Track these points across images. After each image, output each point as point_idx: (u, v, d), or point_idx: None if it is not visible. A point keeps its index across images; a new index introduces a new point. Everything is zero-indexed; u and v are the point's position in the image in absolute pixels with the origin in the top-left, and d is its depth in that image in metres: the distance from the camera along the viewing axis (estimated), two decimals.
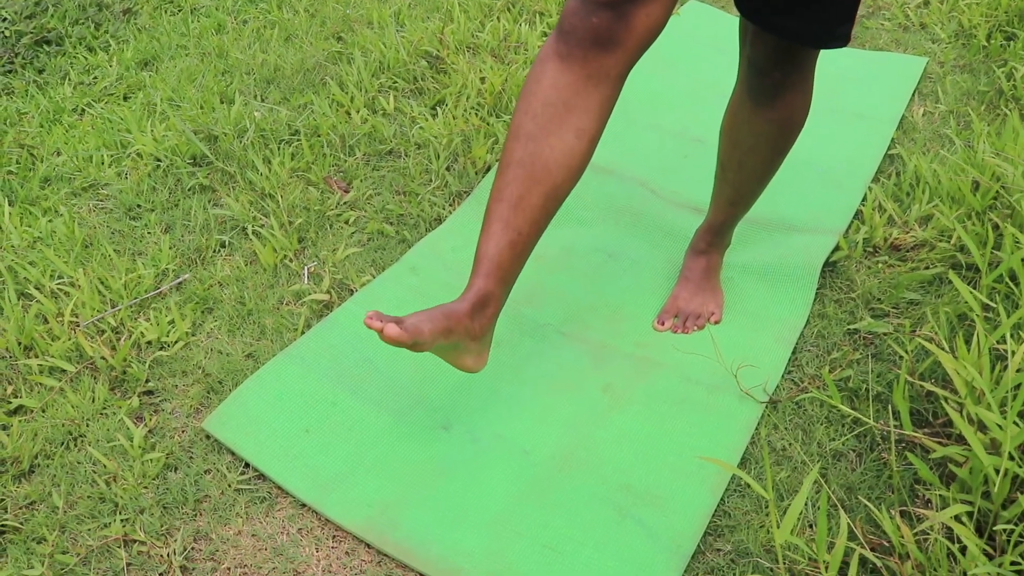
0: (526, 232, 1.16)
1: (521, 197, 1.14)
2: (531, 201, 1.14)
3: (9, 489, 1.34)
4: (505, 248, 1.15)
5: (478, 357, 1.24)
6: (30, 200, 1.98)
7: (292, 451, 1.37)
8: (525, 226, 1.15)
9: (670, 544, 1.21)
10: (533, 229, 1.16)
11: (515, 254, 1.17)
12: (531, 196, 1.14)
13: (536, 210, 1.15)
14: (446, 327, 1.13)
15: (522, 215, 1.14)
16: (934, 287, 1.58)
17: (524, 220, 1.15)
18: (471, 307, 1.16)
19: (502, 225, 1.15)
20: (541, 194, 1.14)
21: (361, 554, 1.24)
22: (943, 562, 1.03)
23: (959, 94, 2.15)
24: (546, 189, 1.14)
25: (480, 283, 1.17)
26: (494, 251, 1.16)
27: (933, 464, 1.25)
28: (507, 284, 1.19)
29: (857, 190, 1.84)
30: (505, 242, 1.15)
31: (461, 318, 1.15)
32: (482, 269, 1.17)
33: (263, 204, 1.88)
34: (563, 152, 1.13)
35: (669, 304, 1.59)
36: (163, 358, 1.55)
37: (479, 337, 1.19)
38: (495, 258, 1.16)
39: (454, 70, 2.27)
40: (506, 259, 1.16)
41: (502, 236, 1.15)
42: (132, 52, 2.59)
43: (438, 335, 1.12)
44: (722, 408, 1.41)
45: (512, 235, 1.15)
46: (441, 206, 1.87)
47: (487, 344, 1.24)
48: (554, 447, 1.37)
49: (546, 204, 1.15)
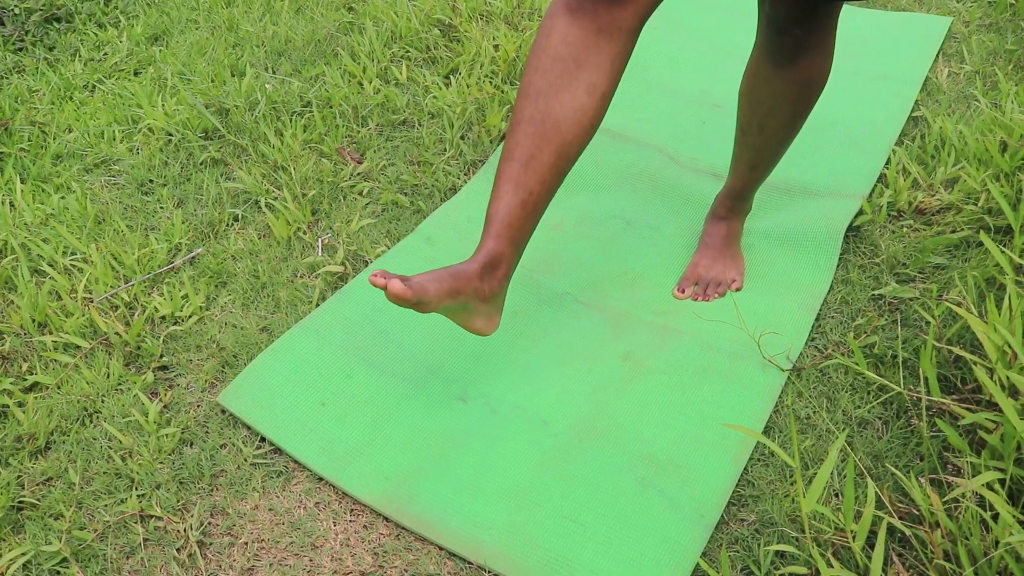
0: (537, 191, 1.13)
1: (531, 156, 1.11)
2: (542, 159, 1.11)
3: (26, 466, 1.34)
4: (516, 208, 1.13)
5: (488, 320, 1.22)
6: (42, 177, 1.96)
7: (308, 424, 1.35)
8: (536, 185, 1.12)
9: (693, 515, 1.19)
10: (544, 188, 1.13)
11: (526, 214, 1.14)
12: (542, 154, 1.11)
13: (547, 169, 1.12)
14: (453, 287, 1.11)
15: (533, 174, 1.12)
16: (960, 251, 1.54)
17: (535, 179, 1.12)
18: (480, 268, 1.14)
19: (512, 185, 1.12)
20: (552, 152, 1.11)
21: (379, 527, 1.23)
22: (975, 530, 1.00)
23: (985, 54, 2.09)
24: (556, 147, 1.11)
25: (490, 244, 1.15)
26: (504, 211, 1.13)
27: (962, 431, 1.22)
28: (518, 245, 1.16)
29: (881, 153, 1.80)
30: (516, 202, 1.13)
31: (470, 279, 1.13)
32: (492, 229, 1.15)
33: (276, 176, 1.86)
34: (574, 108, 1.10)
35: (689, 271, 1.56)
36: (177, 333, 1.53)
37: (489, 299, 1.17)
38: (505, 218, 1.14)
39: (467, 38, 2.24)
40: (516, 219, 1.14)
41: (513, 196, 1.12)
42: (142, 27, 2.57)
43: (444, 295, 1.10)
44: (745, 376, 1.38)
45: (523, 195, 1.12)
46: (456, 175, 1.84)
47: (498, 307, 1.22)
48: (574, 417, 1.34)
49: (557, 163, 1.12)
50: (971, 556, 0.99)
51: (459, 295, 1.12)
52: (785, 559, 1.14)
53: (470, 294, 1.14)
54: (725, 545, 1.17)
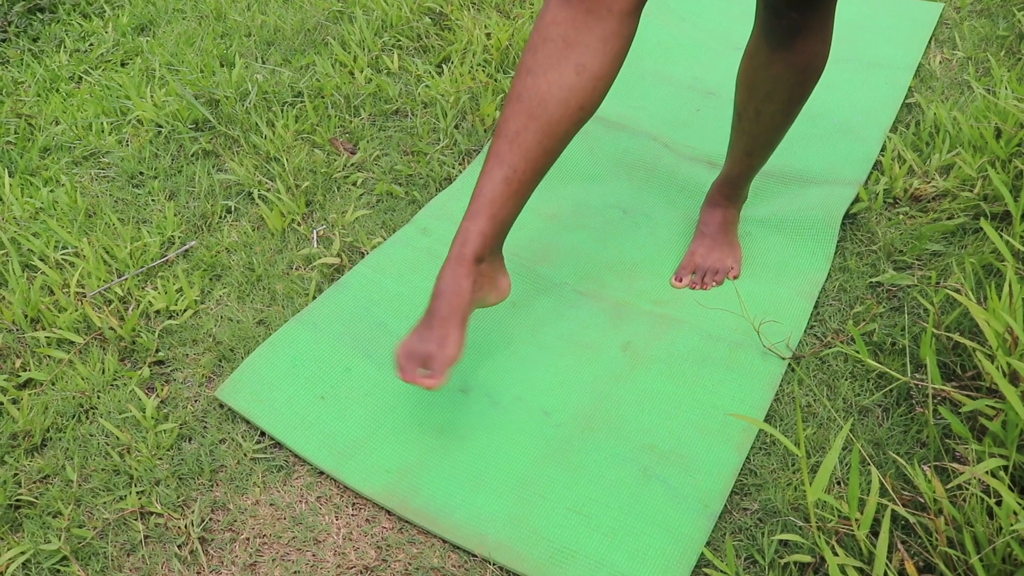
0: (521, 169, 1.12)
1: (517, 133, 1.10)
2: (527, 137, 1.10)
3: (22, 463, 1.32)
4: (499, 184, 1.12)
5: (497, 292, 1.24)
6: (30, 170, 1.94)
7: (308, 418, 1.34)
8: (520, 163, 1.11)
9: (697, 504, 1.19)
10: (529, 167, 1.12)
11: (510, 191, 1.13)
12: (527, 132, 1.10)
13: (532, 146, 1.11)
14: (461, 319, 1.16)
15: (517, 151, 1.11)
16: (957, 238, 1.54)
17: (519, 156, 1.11)
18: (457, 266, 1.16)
19: (497, 161, 1.12)
20: (537, 130, 1.10)
21: (382, 521, 1.22)
22: (980, 517, 1.00)
23: (977, 40, 2.09)
24: (542, 125, 1.10)
25: (466, 224, 1.14)
26: (488, 187, 1.13)
27: (963, 418, 1.23)
28: (498, 223, 1.15)
29: (875, 140, 1.80)
30: (499, 177, 1.12)
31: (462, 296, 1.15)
32: (474, 206, 1.14)
33: (268, 168, 1.84)
34: (560, 87, 1.09)
35: (686, 260, 1.56)
36: (172, 327, 1.52)
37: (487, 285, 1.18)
38: (488, 194, 1.13)
39: (458, 26, 2.22)
40: (499, 195, 1.13)
41: (496, 172, 1.12)
42: (128, 17, 2.54)
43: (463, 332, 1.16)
44: (745, 365, 1.38)
45: (507, 171, 1.12)
46: (451, 165, 1.83)
47: (495, 275, 1.22)
48: (575, 408, 1.34)
49: (542, 141, 1.11)
50: (976, 543, 1.00)
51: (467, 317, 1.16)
52: (789, 547, 1.14)
53: (473, 303, 1.16)
54: (729, 534, 1.17)
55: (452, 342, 1.15)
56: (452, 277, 1.15)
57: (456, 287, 1.15)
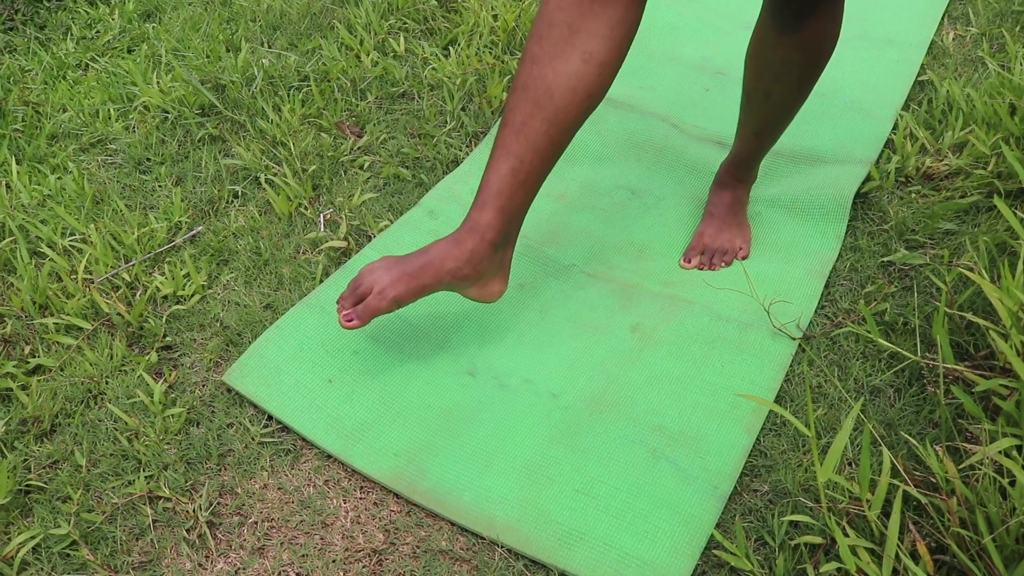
0: (529, 160, 1.10)
1: (523, 123, 1.09)
2: (533, 127, 1.09)
3: (32, 449, 1.33)
4: (505, 175, 1.11)
5: (483, 289, 1.23)
6: (38, 158, 1.94)
7: (315, 402, 1.34)
8: (527, 153, 1.10)
9: (706, 486, 1.18)
10: (536, 158, 1.11)
11: (517, 182, 1.11)
12: (533, 121, 1.08)
13: (539, 137, 1.09)
14: (420, 285, 1.16)
15: (524, 141, 1.09)
16: (970, 216, 1.52)
17: (526, 147, 1.09)
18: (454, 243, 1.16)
19: (504, 151, 1.10)
20: (543, 119, 1.09)
21: (390, 504, 1.22)
22: (993, 498, 0.99)
23: (991, 15, 2.06)
24: (549, 114, 1.08)
25: (474, 215, 1.13)
26: (494, 179, 1.12)
27: (976, 398, 1.21)
28: (508, 215, 1.14)
29: (887, 118, 1.78)
30: (505, 169, 1.11)
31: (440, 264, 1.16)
32: (480, 198, 1.13)
33: (275, 152, 1.84)
34: (567, 76, 1.07)
35: (695, 241, 1.55)
36: (180, 312, 1.52)
37: (473, 276, 1.17)
38: (495, 186, 1.12)
39: (465, 8, 2.20)
40: (507, 187, 1.11)
41: (503, 163, 1.11)
42: (134, 4, 2.53)
43: (411, 295, 1.16)
44: (755, 345, 1.37)
45: (513, 162, 1.10)
46: (458, 148, 1.82)
47: (493, 275, 1.21)
48: (584, 390, 1.33)
49: (549, 131, 1.09)
50: (989, 523, 0.99)
51: (429, 288, 1.16)
52: (799, 529, 1.13)
53: (446, 282, 1.15)
54: (739, 516, 1.16)
55: (390, 297, 1.16)
56: (443, 251, 1.15)
57: (440, 262, 1.16)
